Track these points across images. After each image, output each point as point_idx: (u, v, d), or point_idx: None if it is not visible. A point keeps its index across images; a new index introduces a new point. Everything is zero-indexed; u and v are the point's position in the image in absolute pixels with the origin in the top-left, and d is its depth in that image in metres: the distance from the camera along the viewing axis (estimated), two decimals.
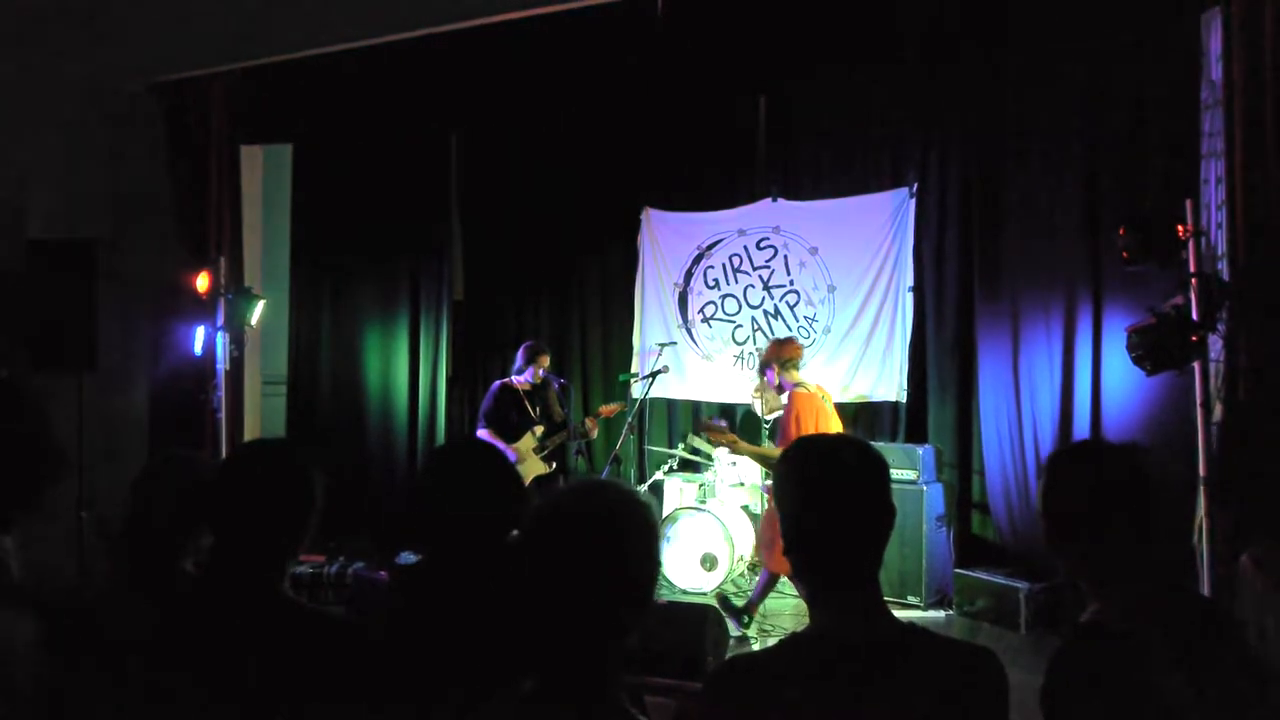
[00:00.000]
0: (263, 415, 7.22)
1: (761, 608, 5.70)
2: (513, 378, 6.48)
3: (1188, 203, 4.18)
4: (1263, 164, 3.95)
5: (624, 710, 1.30)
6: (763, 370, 5.61)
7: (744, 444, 5.49)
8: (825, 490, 1.57)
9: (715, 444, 6.06)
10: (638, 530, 1.34)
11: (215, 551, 1.70)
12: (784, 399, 5.41)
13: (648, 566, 1.36)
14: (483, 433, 6.36)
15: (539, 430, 6.40)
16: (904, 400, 6.88)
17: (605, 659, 1.31)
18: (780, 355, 5.48)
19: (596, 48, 6.35)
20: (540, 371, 6.39)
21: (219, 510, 1.71)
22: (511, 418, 6.37)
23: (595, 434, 6.67)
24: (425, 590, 2.00)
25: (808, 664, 1.51)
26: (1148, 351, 3.92)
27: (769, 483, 6.06)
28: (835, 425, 5.37)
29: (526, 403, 6.41)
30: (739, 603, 5.56)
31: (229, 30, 6.56)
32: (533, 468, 6.32)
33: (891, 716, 1.46)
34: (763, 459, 5.55)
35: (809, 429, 5.09)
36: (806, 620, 1.63)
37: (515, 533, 1.77)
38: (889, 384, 6.95)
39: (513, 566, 1.49)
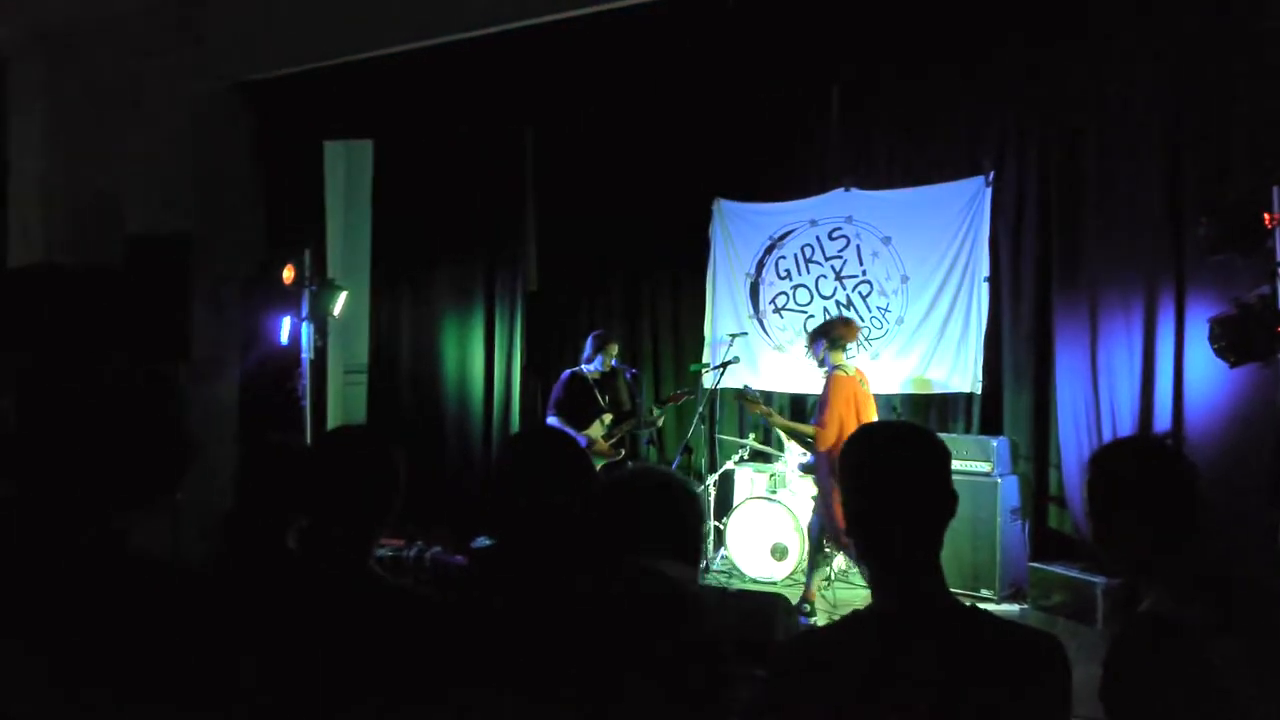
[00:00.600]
0: (344, 404, 7.45)
1: (833, 596, 5.72)
2: (582, 366, 6.58)
3: (1275, 189, 4.06)
4: None
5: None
6: (814, 339, 5.69)
7: (778, 418, 5.77)
8: (881, 476, 1.64)
9: (751, 413, 6.18)
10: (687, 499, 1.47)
11: (310, 531, 1.82)
12: (822, 376, 5.55)
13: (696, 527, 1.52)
14: (552, 420, 6.48)
15: (607, 418, 6.49)
16: (979, 391, 6.79)
17: None
18: (834, 333, 5.64)
19: (668, 39, 6.38)
20: (609, 360, 6.49)
21: (313, 493, 1.83)
22: (581, 406, 6.48)
23: (661, 422, 6.74)
24: (500, 573, 2.09)
25: (866, 640, 1.57)
26: (1231, 343, 3.83)
27: (805, 459, 6.18)
28: (872, 409, 5.57)
29: (595, 391, 6.51)
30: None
31: (313, 30, 6.76)
32: (601, 455, 6.42)
33: (945, 695, 1.50)
34: (797, 434, 5.74)
35: (842, 410, 5.30)
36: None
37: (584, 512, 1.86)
38: (963, 375, 6.87)
39: (583, 550, 1.57)
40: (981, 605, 5.63)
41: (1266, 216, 3.83)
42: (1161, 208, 5.48)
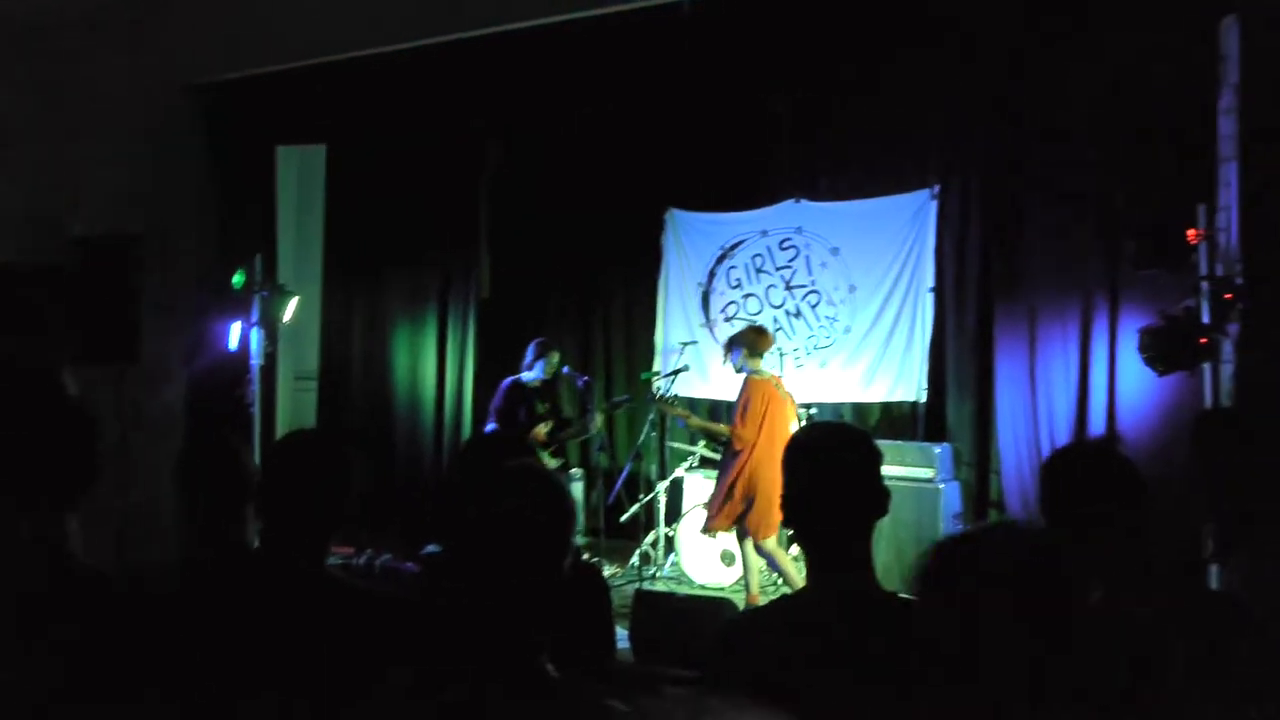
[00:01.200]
0: (294, 410, 7.41)
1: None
2: (522, 375, 6.60)
3: (1200, 207, 4.25)
4: (1273, 169, 4.01)
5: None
6: (730, 348, 5.86)
7: (695, 419, 6.11)
8: (818, 473, 1.77)
9: (670, 415, 6.45)
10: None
11: (263, 533, 1.85)
12: (740, 381, 5.80)
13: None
14: (490, 428, 6.49)
15: (545, 427, 6.50)
16: (923, 400, 6.96)
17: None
18: (751, 340, 5.86)
19: (622, 52, 6.46)
20: (551, 368, 6.49)
21: (266, 496, 1.86)
22: (519, 414, 6.48)
23: (600, 426, 6.75)
24: (449, 580, 2.14)
25: (798, 620, 1.68)
26: (1159, 353, 4.00)
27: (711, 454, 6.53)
28: (789, 413, 5.82)
29: (535, 399, 6.52)
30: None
31: (265, 34, 6.73)
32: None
33: (873, 679, 1.59)
34: (713, 434, 6.08)
35: (758, 413, 5.59)
36: None
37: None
38: (908, 384, 7.03)
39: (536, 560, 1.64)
40: None
41: (1190, 233, 4.00)
42: (1096, 223, 5.68)
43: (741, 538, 5.78)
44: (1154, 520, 1.92)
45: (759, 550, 5.70)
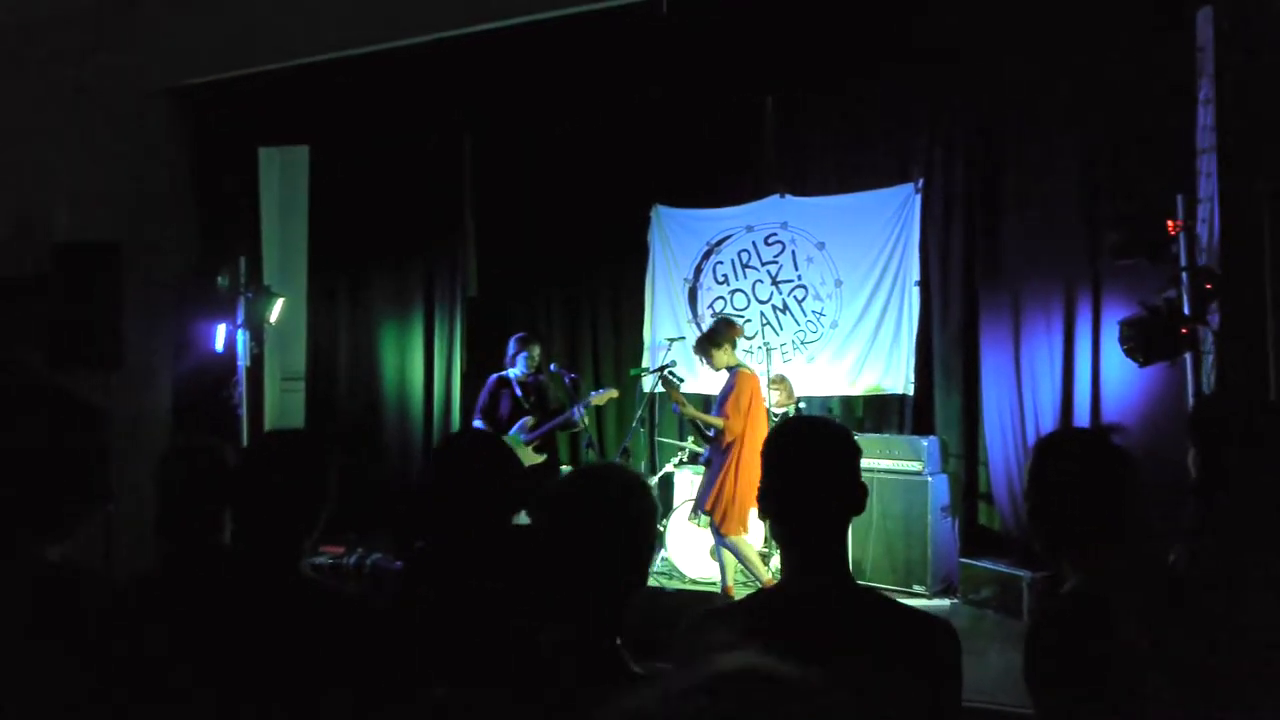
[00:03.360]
0: (281, 411, 7.39)
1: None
2: (507, 370, 6.58)
3: (1179, 197, 4.27)
4: (1251, 159, 4.03)
5: (624, 662, 1.46)
6: (706, 348, 5.84)
7: (689, 408, 5.99)
8: (797, 467, 1.76)
9: (666, 393, 6.29)
10: (641, 506, 1.56)
11: (238, 534, 1.85)
12: (724, 374, 5.86)
13: (648, 537, 1.60)
14: (476, 424, 6.48)
15: (530, 422, 6.47)
16: (911, 393, 6.98)
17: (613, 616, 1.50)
18: (730, 334, 5.91)
19: (605, 49, 6.46)
20: (534, 362, 6.47)
21: (245, 496, 1.86)
22: (503, 409, 6.47)
23: (581, 425, 6.73)
24: (432, 574, 2.15)
25: (770, 614, 1.68)
26: (1139, 344, 4.02)
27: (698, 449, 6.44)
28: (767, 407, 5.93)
29: (520, 394, 6.50)
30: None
31: (247, 34, 6.71)
32: (523, 458, 6.41)
33: (844, 671, 1.59)
34: (702, 425, 6.02)
35: (746, 403, 5.62)
36: None
37: (522, 516, 1.91)
38: (896, 377, 7.05)
39: (516, 549, 1.64)
40: (914, 600, 5.74)
41: (1170, 223, 4.02)
42: (1078, 215, 5.70)
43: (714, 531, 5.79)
44: (1144, 515, 1.93)
45: (723, 544, 5.72)
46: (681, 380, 6.22)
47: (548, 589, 1.50)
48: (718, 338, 5.86)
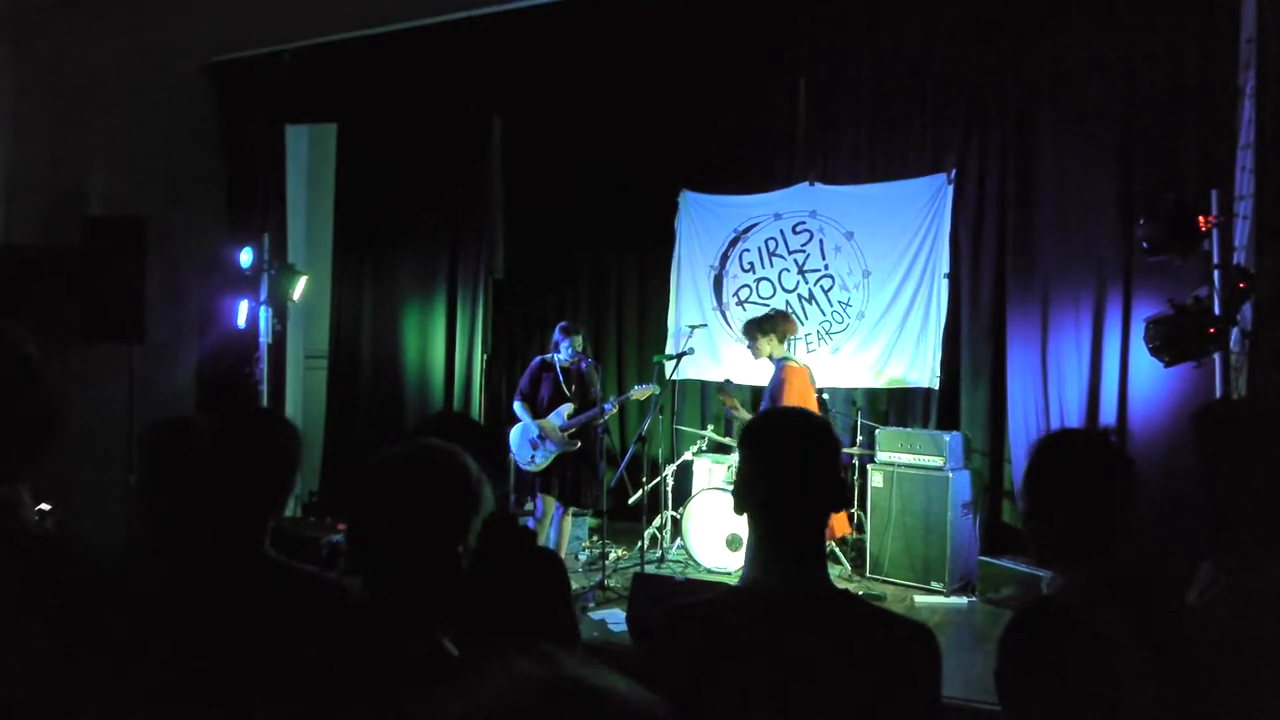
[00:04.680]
0: (304, 389, 7.43)
1: None
2: (552, 355, 6.56)
3: (1214, 193, 4.12)
4: None
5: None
6: (757, 333, 5.75)
7: (743, 412, 5.93)
8: (774, 462, 1.70)
9: (724, 403, 6.21)
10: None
11: (200, 514, 1.83)
12: (774, 368, 5.80)
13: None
14: (516, 406, 6.48)
15: (570, 410, 6.46)
16: (936, 387, 6.86)
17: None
18: (779, 328, 5.85)
19: (637, 29, 6.39)
20: (576, 348, 6.44)
21: (206, 475, 1.84)
22: (543, 394, 6.46)
23: (608, 415, 6.69)
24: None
25: (738, 612, 1.63)
26: (1165, 343, 3.89)
27: (718, 438, 6.30)
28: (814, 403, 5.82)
29: (562, 380, 6.47)
30: None
31: (278, 12, 6.72)
32: (557, 444, 6.38)
33: (818, 674, 1.55)
34: None
35: (798, 400, 5.55)
36: None
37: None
38: (922, 370, 6.93)
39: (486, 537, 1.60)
40: (930, 598, 5.63)
41: (1201, 219, 3.89)
42: (1113, 210, 5.55)
43: None
44: (1140, 526, 1.86)
45: None
46: (677, 364, 6.16)
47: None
48: (768, 326, 5.80)
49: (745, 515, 1.72)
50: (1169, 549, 3.08)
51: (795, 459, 1.70)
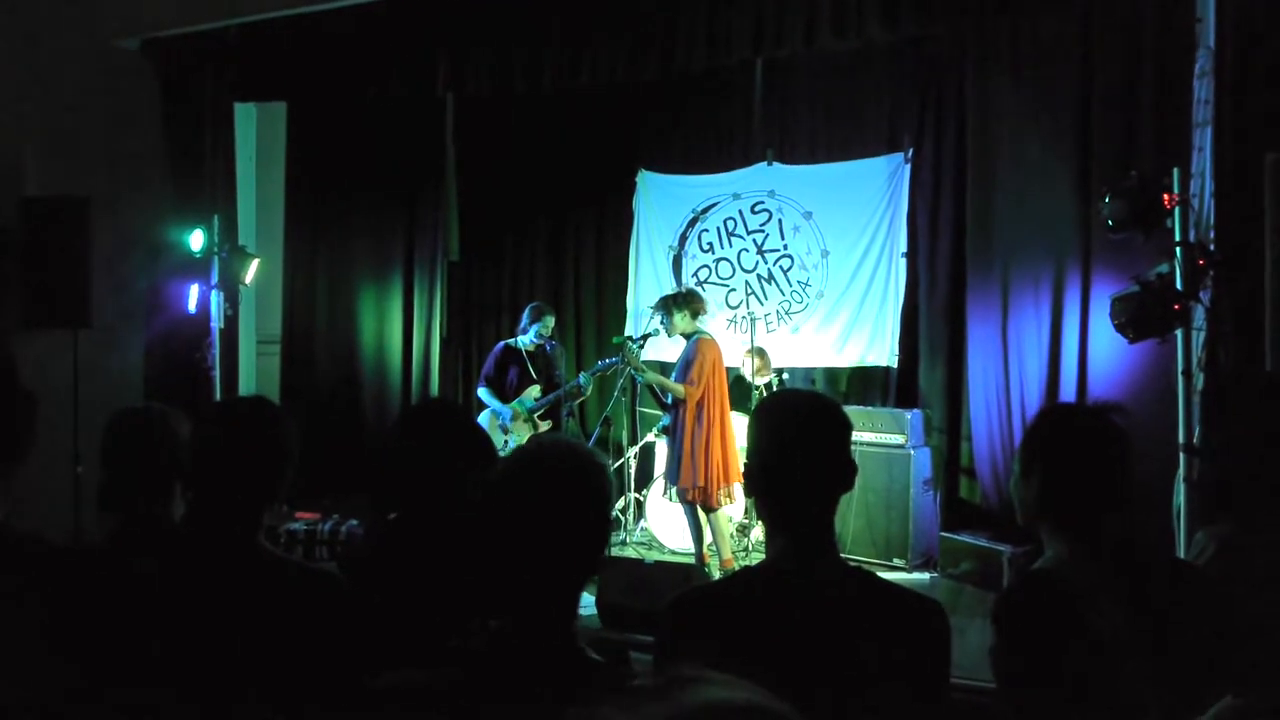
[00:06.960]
0: (257, 374, 7.25)
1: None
2: (517, 338, 6.49)
3: (1175, 170, 4.19)
4: (1246, 133, 3.95)
5: (582, 651, 1.37)
6: (677, 309, 5.74)
7: (651, 373, 5.88)
8: (790, 441, 1.69)
9: (625, 362, 6.08)
10: (599, 486, 1.42)
11: (192, 506, 1.76)
12: (685, 341, 5.74)
13: (605, 519, 1.47)
14: (480, 391, 6.41)
15: (535, 390, 6.41)
16: (895, 365, 6.93)
17: (567, 602, 1.39)
18: (694, 304, 5.76)
19: (592, 7, 6.31)
20: (545, 332, 6.38)
21: (195, 467, 1.76)
22: (511, 377, 6.40)
23: (588, 393, 6.69)
24: (399, 543, 2.07)
25: (756, 594, 1.63)
26: (1130, 319, 3.95)
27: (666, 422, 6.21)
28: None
29: (528, 363, 6.42)
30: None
31: None
32: (526, 428, 6.36)
33: (835, 649, 1.54)
34: (661, 389, 5.85)
35: (707, 371, 5.56)
36: None
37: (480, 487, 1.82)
38: (881, 349, 6.99)
39: (479, 520, 1.55)
40: (893, 574, 5.69)
41: (1165, 197, 3.94)
42: (1070, 188, 5.61)
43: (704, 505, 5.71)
44: (1137, 496, 1.87)
45: (696, 514, 5.67)
46: (642, 346, 6.09)
47: (491, 577, 1.38)
48: (679, 302, 5.75)
49: (757, 498, 1.71)
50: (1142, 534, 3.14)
51: (810, 441, 1.69)
